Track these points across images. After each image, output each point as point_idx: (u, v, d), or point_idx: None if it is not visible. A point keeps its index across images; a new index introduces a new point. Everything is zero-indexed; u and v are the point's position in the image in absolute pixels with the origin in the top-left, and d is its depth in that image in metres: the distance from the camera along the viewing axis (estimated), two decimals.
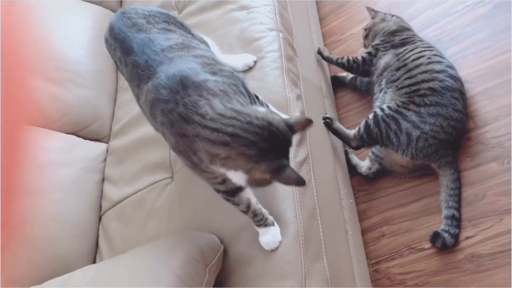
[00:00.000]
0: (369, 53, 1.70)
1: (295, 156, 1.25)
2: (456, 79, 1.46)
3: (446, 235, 1.38)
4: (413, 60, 1.51)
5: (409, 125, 1.42)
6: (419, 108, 1.43)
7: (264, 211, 1.10)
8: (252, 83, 1.38)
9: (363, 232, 1.56)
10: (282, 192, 1.18)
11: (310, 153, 1.32)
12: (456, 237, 1.38)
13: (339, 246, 1.32)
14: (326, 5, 2.14)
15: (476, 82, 1.54)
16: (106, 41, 1.21)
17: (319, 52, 1.86)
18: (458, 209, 1.40)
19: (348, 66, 1.76)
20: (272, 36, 1.49)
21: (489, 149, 1.43)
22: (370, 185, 1.63)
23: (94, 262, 1.56)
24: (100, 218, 1.66)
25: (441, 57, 1.51)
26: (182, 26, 1.24)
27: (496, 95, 1.49)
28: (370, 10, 1.79)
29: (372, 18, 1.78)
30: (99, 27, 2.03)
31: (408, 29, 1.69)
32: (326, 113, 1.61)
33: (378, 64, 1.65)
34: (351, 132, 1.55)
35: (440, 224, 1.41)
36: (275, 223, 1.11)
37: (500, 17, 1.59)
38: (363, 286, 1.36)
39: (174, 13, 1.86)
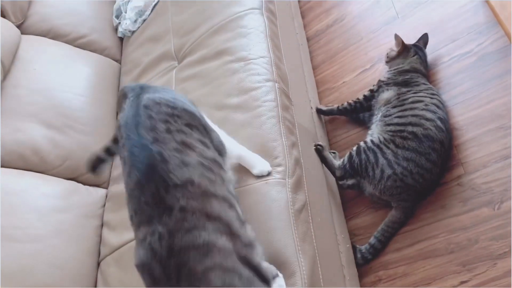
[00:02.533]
0: (370, 90, 1.78)
1: (294, 203, 1.29)
2: (442, 130, 1.51)
3: (359, 255, 1.59)
4: (411, 102, 1.59)
5: (384, 162, 1.51)
6: (397, 149, 1.51)
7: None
8: (250, 131, 1.44)
9: (360, 276, 1.58)
10: (283, 239, 1.20)
11: (308, 200, 1.36)
12: (366, 261, 1.59)
13: None
14: (319, 55, 2.23)
15: (464, 130, 1.61)
16: (119, 128, 1.08)
17: (318, 111, 1.95)
18: (381, 242, 1.58)
19: (351, 108, 1.85)
20: (268, 86, 1.56)
21: (480, 194, 1.48)
22: (366, 229, 1.66)
23: None
24: (98, 264, 1.67)
25: (438, 107, 1.56)
26: (204, 130, 1.13)
27: (484, 142, 1.55)
28: (398, 38, 1.82)
29: (397, 47, 1.82)
30: (99, 75, 2.11)
31: (418, 70, 1.73)
32: (318, 142, 1.72)
33: (379, 98, 1.72)
34: (337, 163, 1.65)
35: (435, 268, 1.44)
36: (279, 273, 1.12)
37: (484, 68, 1.67)
38: None
39: (174, 64, 1.93)
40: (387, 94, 1.69)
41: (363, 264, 1.59)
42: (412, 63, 1.75)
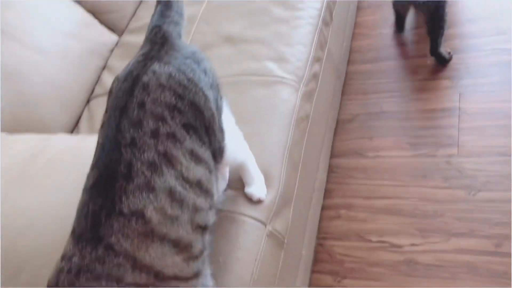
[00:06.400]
0: None
1: (299, 110, 1.31)
2: None
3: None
4: None
5: None
6: None
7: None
8: (284, 29, 1.44)
9: (324, 207, 1.64)
10: (279, 135, 1.23)
11: (311, 115, 1.38)
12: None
13: (302, 206, 1.39)
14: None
15: (474, 117, 1.64)
16: (113, 85, 0.89)
17: None
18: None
19: None
20: None
21: (463, 177, 1.53)
22: (344, 171, 1.71)
23: None
24: (88, 101, 1.68)
25: None
26: (206, 132, 0.88)
27: (487, 135, 1.59)
28: None
29: None
30: None
31: None
32: None
33: None
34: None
35: (394, 225, 1.52)
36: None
37: None
38: (306, 255, 1.45)
39: None
40: None
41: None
42: None
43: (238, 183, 1.15)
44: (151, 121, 0.79)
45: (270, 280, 1.13)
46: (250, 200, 1.12)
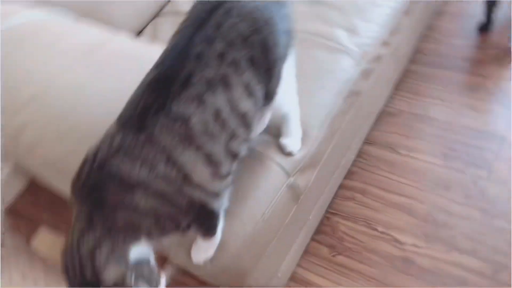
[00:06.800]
0: None
1: (354, 84, 1.34)
2: None
3: None
4: None
5: None
6: None
7: None
8: (364, 2, 1.46)
9: (341, 185, 1.68)
10: (326, 101, 1.27)
11: (364, 92, 1.41)
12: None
13: (324, 174, 1.42)
14: (451, 5, 2.17)
15: None
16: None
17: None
18: None
19: None
20: None
21: (485, 200, 1.54)
22: (373, 159, 1.74)
23: None
24: (155, 16, 1.73)
25: None
26: (266, 73, 0.91)
27: None
28: None
29: None
30: None
31: None
32: None
33: None
34: None
35: (402, 222, 1.56)
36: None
37: None
38: (312, 222, 1.50)
39: None
40: None
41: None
42: None
43: (276, 131, 1.19)
44: (222, 44, 0.83)
45: (276, 227, 1.19)
46: (281, 150, 1.17)
